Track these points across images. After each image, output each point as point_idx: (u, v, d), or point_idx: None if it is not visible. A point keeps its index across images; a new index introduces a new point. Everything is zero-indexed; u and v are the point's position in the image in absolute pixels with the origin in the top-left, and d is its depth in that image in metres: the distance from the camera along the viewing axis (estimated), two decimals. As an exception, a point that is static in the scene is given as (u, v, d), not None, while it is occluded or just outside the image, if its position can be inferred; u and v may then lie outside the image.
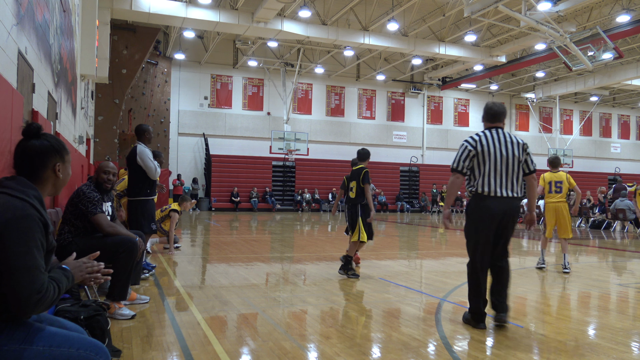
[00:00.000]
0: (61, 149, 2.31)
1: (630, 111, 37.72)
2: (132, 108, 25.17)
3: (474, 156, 4.57)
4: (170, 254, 9.10)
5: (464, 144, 4.67)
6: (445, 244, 12.64)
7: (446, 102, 32.86)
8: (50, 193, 2.33)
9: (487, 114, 4.80)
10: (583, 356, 3.86)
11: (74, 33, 10.23)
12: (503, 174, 4.52)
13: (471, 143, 4.61)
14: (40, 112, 5.53)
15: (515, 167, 4.57)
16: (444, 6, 21.34)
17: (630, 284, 7.37)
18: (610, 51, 18.98)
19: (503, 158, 4.54)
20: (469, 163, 4.59)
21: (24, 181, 2.16)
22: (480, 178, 4.52)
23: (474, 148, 4.58)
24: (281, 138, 26.20)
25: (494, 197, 4.49)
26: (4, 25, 3.83)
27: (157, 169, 6.42)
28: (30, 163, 2.22)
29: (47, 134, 2.32)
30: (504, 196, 4.50)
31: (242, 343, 4.04)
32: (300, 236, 14.14)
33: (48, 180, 2.27)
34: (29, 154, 2.22)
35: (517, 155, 4.59)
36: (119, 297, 4.61)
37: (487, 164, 4.51)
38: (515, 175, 4.58)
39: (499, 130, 4.71)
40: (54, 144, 2.29)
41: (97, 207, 4.59)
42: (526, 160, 4.66)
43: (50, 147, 2.26)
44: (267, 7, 18.46)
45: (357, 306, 5.50)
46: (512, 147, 4.59)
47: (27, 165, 2.22)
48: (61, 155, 2.30)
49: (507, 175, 4.53)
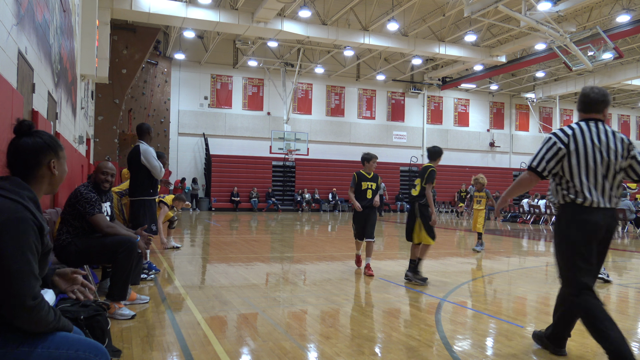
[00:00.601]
0: (55, 145, 2.24)
1: (630, 111, 37.71)
2: (132, 108, 25.17)
3: (564, 156, 3.60)
4: (163, 246, 9.24)
5: (551, 139, 3.66)
6: (445, 244, 12.64)
7: (446, 102, 32.86)
8: (47, 191, 2.26)
9: (583, 102, 3.76)
10: (583, 356, 3.86)
11: (74, 33, 10.22)
12: (604, 179, 3.58)
13: (562, 139, 3.62)
14: (40, 112, 5.53)
15: (617, 172, 3.62)
16: (444, 6, 21.33)
17: (630, 284, 7.37)
18: (610, 51, 18.98)
19: (604, 160, 3.58)
20: (554, 165, 3.63)
21: (18, 182, 2.10)
22: (578, 184, 3.57)
23: (565, 146, 3.60)
24: (281, 138, 26.20)
25: (596, 208, 3.55)
26: (4, 25, 3.83)
27: (161, 168, 6.43)
28: (23, 161, 2.16)
29: (40, 130, 2.25)
30: (607, 207, 3.58)
31: (242, 343, 4.03)
32: (300, 236, 14.14)
33: (43, 178, 2.21)
34: (22, 152, 2.16)
35: (620, 157, 3.62)
36: (118, 297, 4.61)
37: (584, 167, 3.56)
38: (617, 181, 3.64)
39: (599, 123, 3.68)
40: (47, 140, 2.22)
41: (94, 207, 4.58)
42: (631, 165, 3.66)
43: (43, 144, 2.19)
44: (267, 7, 18.46)
45: (357, 306, 5.50)
46: (614, 146, 3.61)
47: (20, 164, 2.16)
48: (55, 151, 2.23)
49: (608, 182, 3.60)
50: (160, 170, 6.38)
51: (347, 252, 10.01)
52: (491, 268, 8.50)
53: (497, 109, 34.23)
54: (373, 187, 7.55)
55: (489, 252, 10.73)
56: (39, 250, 2.05)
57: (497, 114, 34.15)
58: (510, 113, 34.58)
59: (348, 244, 11.61)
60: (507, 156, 34.22)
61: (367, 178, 7.53)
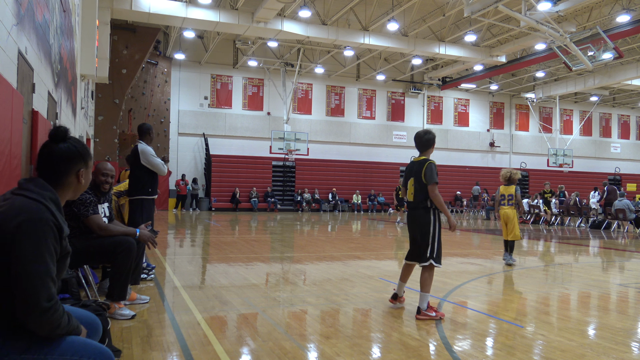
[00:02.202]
0: (86, 155, 2.26)
1: (630, 111, 37.71)
2: (132, 108, 25.17)
3: None
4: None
5: None
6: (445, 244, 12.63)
7: (446, 102, 32.86)
8: (70, 197, 2.27)
9: None
10: (583, 356, 3.86)
11: (74, 33, 10.22)
12: None
13: None
14: (40, 112, 5.52)
15: None
16: (444, 6, 21.33)
17: (630, 284, 7.37)
18: (610, 51, 18.97)
19: None
20: None
21: (42, 183, 2.12)
22: None
23: None
24: (281, 138, 26.19)
25: None
26: (4, 25, 3.83)
27: (163, 164, 6.44)
28: (54, 167, 2.18)
29: (74, 137, 2.27)
30: None
31: (242, 343, 4.03)
32: (300, 236, 14.14)
33: (70, 185, 2.23)
34: (55, 158, 2.18)
35: None
36: (118, 297, 4.61)
37: None
38: None
39: None
40: (80, 149, 2.24)
41: (89, 209, 4.56)
42: None
43: (76, 152, 2.22)
44: (267, 7, 18.46)
45: (357, 306, 5.50)
46: None
47: (50, 169, 2.18)
48: (85, 161, 2.25)
49: None
50: (163, 166, 6.39)
51: (347, 252, 10.01)
52: (491, 268, 8.49)
53: (497, 109, 34.22)
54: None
55: (489, 251, 10.73)
56: (57, 252, 2.05)
57: (497, 114, 34.14)
58: (510, 113, 34.58)
59: (348, 244, 11.62)
60: (507, 156, 34.22)
61: None
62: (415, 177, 5.17)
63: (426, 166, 5.06)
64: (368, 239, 13.33)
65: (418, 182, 5.14)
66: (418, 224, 5.17)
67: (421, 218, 5.13)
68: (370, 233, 15.63)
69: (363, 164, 29.94)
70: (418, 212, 5.17)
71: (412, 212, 5.26)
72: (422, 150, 5.29)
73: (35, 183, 2.11)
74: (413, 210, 5.24)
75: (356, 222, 19.97)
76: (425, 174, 5.06)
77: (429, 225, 5.11)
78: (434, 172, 5.06)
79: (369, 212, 28.38)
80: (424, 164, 5.11)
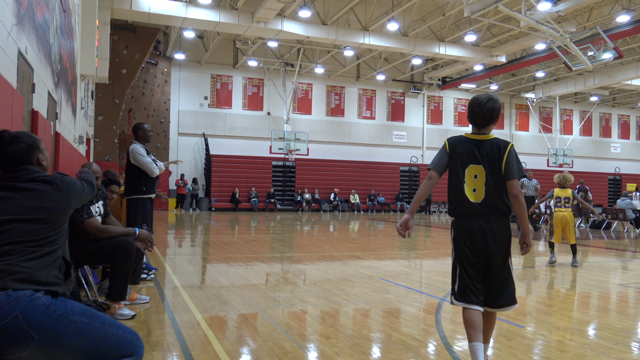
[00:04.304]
0: (36, 142, 2.53)
1: (630, 111, 37.71)
2: (132, 108, 25.17)
3: None
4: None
5: None
6: (444, 244, 12.63)
7: (446, 102, 32.86)
8: None
9: None
10: (583, 356, 3.86)
11: (74, 33, 10.22)
12: None
13: None
14: (40, 112, 5.52)
15: None
16: (444, 6, 21.33)
17: (630, 284, 7.37)
18: (610, 51, 18.96)
19: None
20: None
21: (30, 168, 2.49)
22: None
23: None
24: (281, 138, 26.19)
25: None
26: (4, 25, 3.83)
27: (155, 163, 6.30)
28: (18, 165, 2.46)
29: (18, 135, 2.51)
30: None
31: (242, 343, 4.04)
32: (300, 236, 14.14)
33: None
34: (13, 160, 2.45)
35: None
36: (118, 298, 4.61)
37: None
38: None
39: None
40: (28, 141, 2.50)
41: (82, 214, 4.50)
42: None
43: (27, 147, 2.48)
44: (267, 7, 18.45)
45: (357, 306, 5.50)
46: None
47: (17, 167, 2.45)
48: (38, 147, 2.53)
49: None
50: (152, 165, 6.24)
51: (347, 252, 10.01)
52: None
53: (497, 109, 34.20)
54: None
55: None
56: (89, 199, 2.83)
57: (497, 114, 34.12)
58: (510, 113, 34.58)
59: (348, 243, 11.62)
60: (507, 156, 34.20)
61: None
62: (490, 165, 3.29)
63: (509, 150, 3.29)
64: (368, 239, 13.34)
65: (493, 173, 3.29)
66: (499, 241, 3.28)
67: (500, 231, 3.29)
68: (370, 233, 15.63)
69: (363, 164, 29.94)
70: (497, 224, 3.29)
71: (478, 221, 3.28)
72: (483, 125, 3.37)
73: (27, 170, 2.45)
74: (480, 217, 3.29)
75: (355, 222, 19.97)
76: (507, 163, 3.27)
77: (509, 243, 3.36)
78: (519, 160, 3.34)
79: (369, 212, 28.38)
80: (505, 146, 3.30)
